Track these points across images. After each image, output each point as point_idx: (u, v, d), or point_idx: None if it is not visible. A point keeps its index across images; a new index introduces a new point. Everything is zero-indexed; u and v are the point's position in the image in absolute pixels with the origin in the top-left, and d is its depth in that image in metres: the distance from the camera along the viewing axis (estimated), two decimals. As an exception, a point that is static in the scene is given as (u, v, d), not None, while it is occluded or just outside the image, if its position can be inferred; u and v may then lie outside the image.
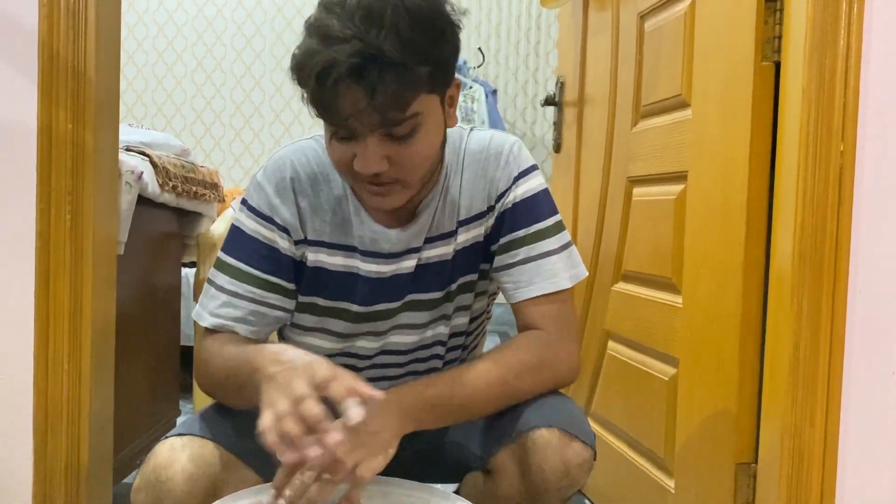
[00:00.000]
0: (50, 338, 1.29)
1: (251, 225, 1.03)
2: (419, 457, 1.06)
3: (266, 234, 1.03)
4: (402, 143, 0.91)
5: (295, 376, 0.80)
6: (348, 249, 1.05)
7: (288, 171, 1.03)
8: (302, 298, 1.08)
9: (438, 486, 0.97)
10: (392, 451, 0.94)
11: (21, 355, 1.30)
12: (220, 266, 1.04)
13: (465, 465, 1.12)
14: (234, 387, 0.95)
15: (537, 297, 1.05)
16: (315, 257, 1.05)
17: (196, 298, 2.28)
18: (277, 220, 1.03)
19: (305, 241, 1.05)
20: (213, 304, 1.04)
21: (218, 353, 0.99)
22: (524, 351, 1.04)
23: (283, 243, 1.03)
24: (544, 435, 0.98)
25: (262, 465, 0.85)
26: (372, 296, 1.06)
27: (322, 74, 0.84)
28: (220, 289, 1.03)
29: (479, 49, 4.42)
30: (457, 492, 1.15)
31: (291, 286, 1.05)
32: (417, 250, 1.06)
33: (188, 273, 2.47)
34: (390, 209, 1.01)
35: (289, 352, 0.86)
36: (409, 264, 1.06)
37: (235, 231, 1.04)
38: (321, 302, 1.07)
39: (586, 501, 1.86)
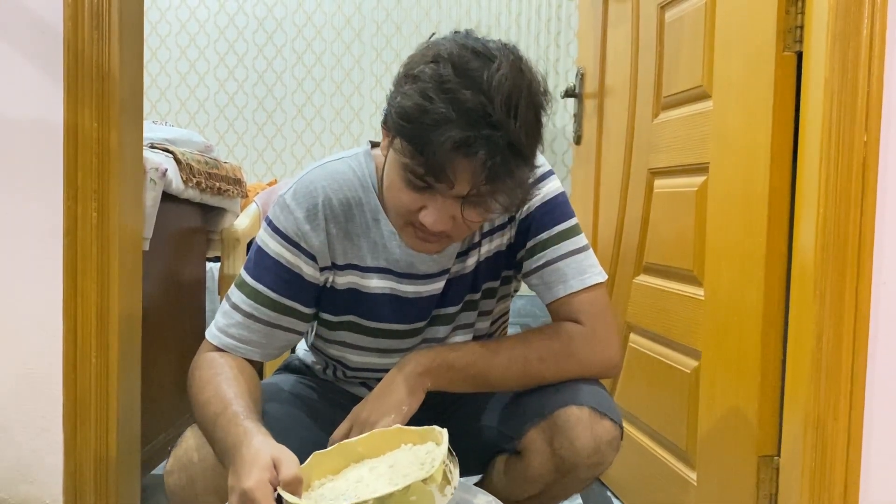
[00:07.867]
0: (78, 333, 1.31)
1: (275, 247, 1.02)
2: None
3: (290, 259, 1.02)
4: (472, 208, 0.91)
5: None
6: (383, 272, 1.05)
7: (320, 196, 1.02)
8: (340, 317, 1.08)
9: (461, 478, 0.97)
10: (407, 409, 0.98)
11: (50, 350, 1.33)
12: (240, 285, 1.03)
13: (492, 449, 1.12)
14: (204, 428, 0.95)
15: (570, 294, 1.06)
16: (346, 280, 1.05)
17: (221, 293, 2.31)
18: (305, 246, 1.02)
19: (333, 267, 1.05)
20: (225, 322, 1.03)
21: (207, 384, 0.97)
22: (554, 337, 1.05)
23: (307, 269, 1.03)
24: (575, 412, 1.00)
25: (291, 446, 0.87)
26: (406, 315, 1.07)
27: (456, 147, 0.84)
28: (236, 308, 1.03)
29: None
30: (482, 482, 1.15)
31: (308, 311, 1.06)
32: (448, 269, 1.07)
33: (213, 267, 2.49)
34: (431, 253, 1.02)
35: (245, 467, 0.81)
36: (440, 283, 1.07)
37: (258, 251, 1.03)
38: (360, 321, 1.08)
39: (608, 493, 1.86)
